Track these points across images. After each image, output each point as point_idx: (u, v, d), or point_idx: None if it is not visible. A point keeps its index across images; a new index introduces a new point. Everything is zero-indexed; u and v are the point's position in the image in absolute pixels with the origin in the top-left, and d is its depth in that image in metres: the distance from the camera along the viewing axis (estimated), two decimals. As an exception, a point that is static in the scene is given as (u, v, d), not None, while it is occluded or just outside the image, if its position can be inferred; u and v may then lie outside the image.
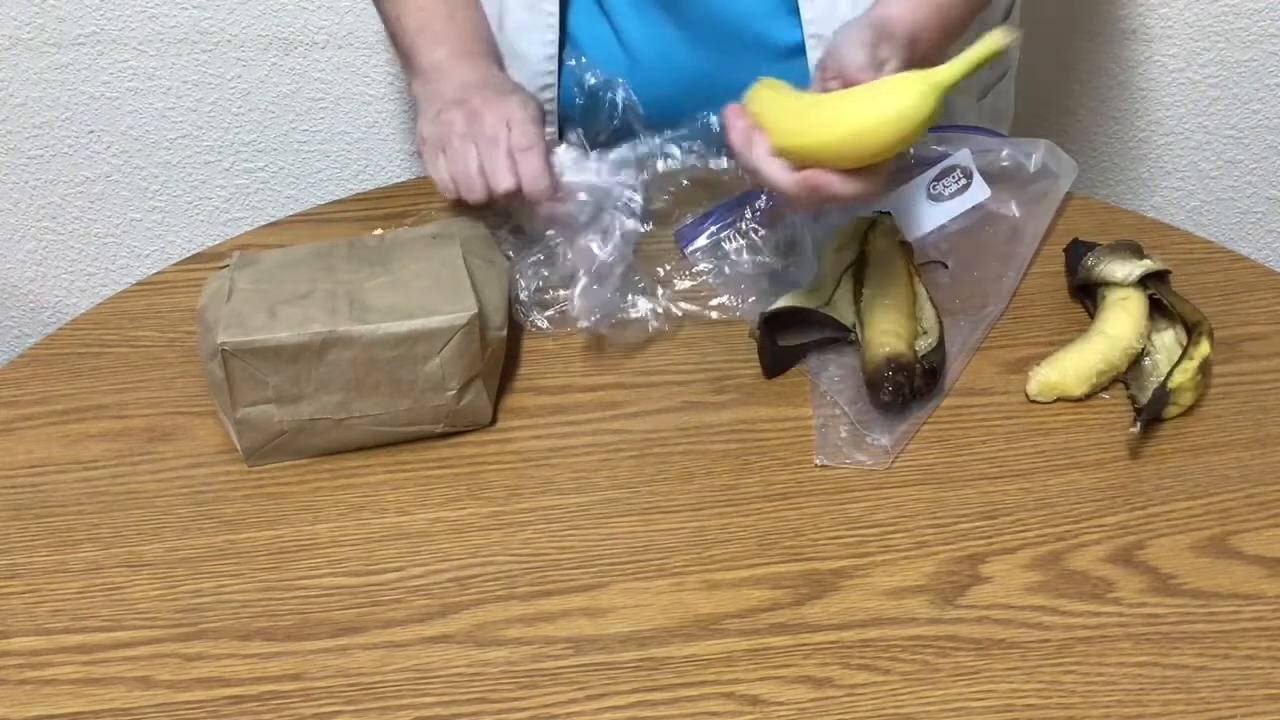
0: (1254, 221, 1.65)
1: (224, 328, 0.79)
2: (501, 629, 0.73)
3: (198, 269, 0.99)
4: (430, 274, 0.84)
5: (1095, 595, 0.74)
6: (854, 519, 0.79)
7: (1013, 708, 0.68)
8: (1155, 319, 0.89)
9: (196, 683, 0.71)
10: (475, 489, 0.82)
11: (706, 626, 0.73)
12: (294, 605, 0.75)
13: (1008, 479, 0.81)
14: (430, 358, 0.81)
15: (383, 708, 0.69)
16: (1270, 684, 0.69)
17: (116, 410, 0.88)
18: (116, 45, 1.46)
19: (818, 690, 0.69)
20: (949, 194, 0.98)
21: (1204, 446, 0.83)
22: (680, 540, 0.78)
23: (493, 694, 0.70)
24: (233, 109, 1.51)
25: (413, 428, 0.84)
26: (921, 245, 0.96)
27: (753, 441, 0.84)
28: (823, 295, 0.91)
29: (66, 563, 0.78)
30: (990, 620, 0.73)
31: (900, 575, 0.75)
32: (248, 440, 0.82)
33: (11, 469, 0.84)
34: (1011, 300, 0.94)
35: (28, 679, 0.72)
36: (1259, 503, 0.79)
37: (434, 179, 0.93)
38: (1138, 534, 0.78)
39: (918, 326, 0.88)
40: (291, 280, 0.84)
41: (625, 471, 0.83)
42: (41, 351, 0.93)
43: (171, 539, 0.79)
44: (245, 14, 1.45)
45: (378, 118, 1.53)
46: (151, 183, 1.56)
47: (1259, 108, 1.55)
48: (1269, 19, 1.49)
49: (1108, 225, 1.00)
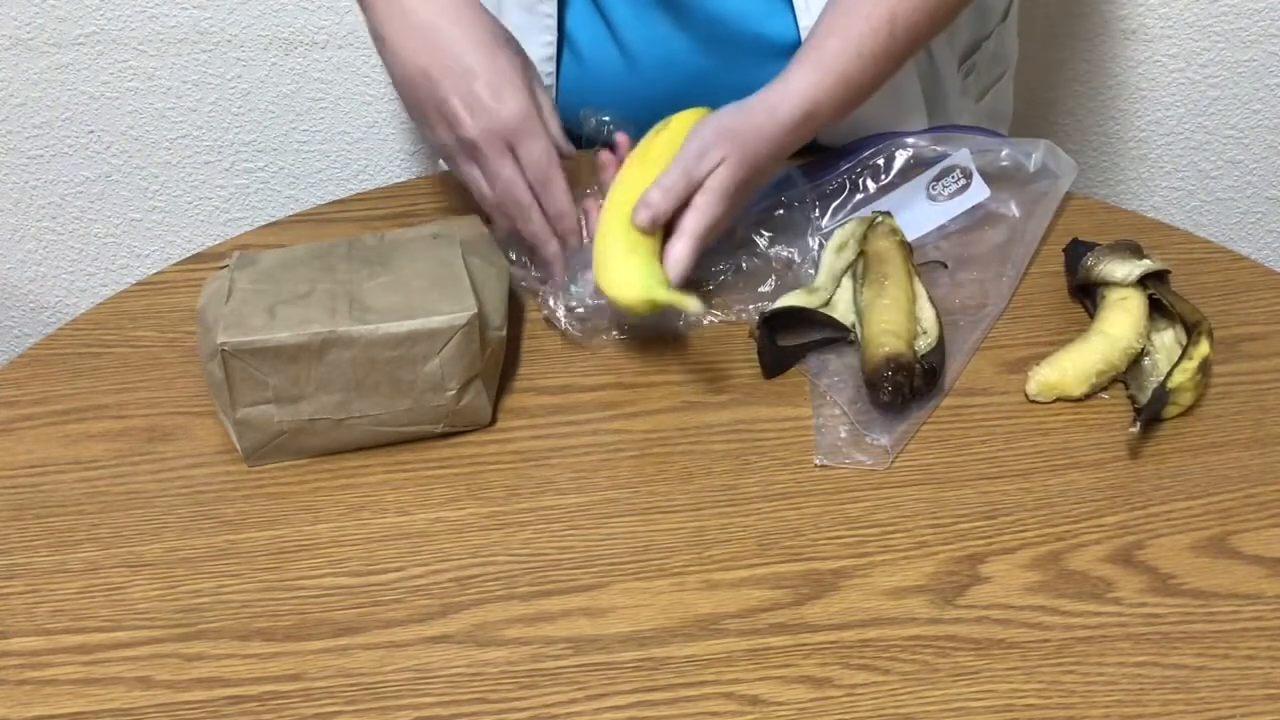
0: (1254, 221, 1.65)
1: (224, 328, 0.79)
2: (501, 629, 0.73)
3: (198, 269, 0.99)
4: (430, 274, 0.84)
5: (1095, 595, 0.74)
6: (854, 519, 0.79)
7: (1013, 708, 0.68)
8: (1155, 319, 0.89)
9: (196, 683, 0.71)
10: (475, 489, 0.82)
11: (706, 626, 0.73)
12: (294, 605, 0.75)
13: (1007, 479, 0.81)
14: (430, 358, 0.81)
15: (383, 708, 0.69)
16: (1270, 684, 0.69)
17: (116, 410, 0.88)
18: (116, 45, 1.46)
19: (818, 690, 0.69)
20: (949, 194, 0.98)
21: (1204, 446, 0.83)
22: (680, 540, 0.78)
23: (493, 694, 0.70)
24: (233, 109, 1.51)
25: (412, 428, 0.84)
26: (921, 245, 0.97)
27: (753, 441, 0.84)
28: (823, 295, 0.91)
29: (66, 563, 0.78)
30: (990, 620, 0.73)
31: (900, 575, 0.75)
32: (248, 440, 0.82)
33: (11, 469, 0.84)
34: (1011, 300, 0.94)
35: (28, 679, 0.72)
36: (1259, 503, 0.79)
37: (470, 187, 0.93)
38: (1137, 534, 0.78)
39: (917, 326, 0.88)
40: (291, 280, 0.84)
41: (625, 471, 0.83)
42: (41, 351, 0.93)
43: (171, 539, 0.79)
44: (245, 14, 1.45)
45: (378, 118, 1.53)
46: (151, 183, 1.56)
47: (1259, 108, 1.55)
48: (1269, 19, 1.49)
49: (1107, 225, 1.00)
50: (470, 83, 0.88)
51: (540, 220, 0.90)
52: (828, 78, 0.90)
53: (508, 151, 0.89)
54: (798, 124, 0.89)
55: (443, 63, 0.89)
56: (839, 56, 0.90)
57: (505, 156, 0.89)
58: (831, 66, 0.90)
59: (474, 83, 0.88)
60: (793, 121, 0.89)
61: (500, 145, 0.88)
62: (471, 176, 0.91)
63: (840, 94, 0.90)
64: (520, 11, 1.03)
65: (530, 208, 0.89)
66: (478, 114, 0.88)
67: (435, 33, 0.89)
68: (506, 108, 0.88)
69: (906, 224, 0.95)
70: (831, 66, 0.90)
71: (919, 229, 0.97)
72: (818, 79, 0.90)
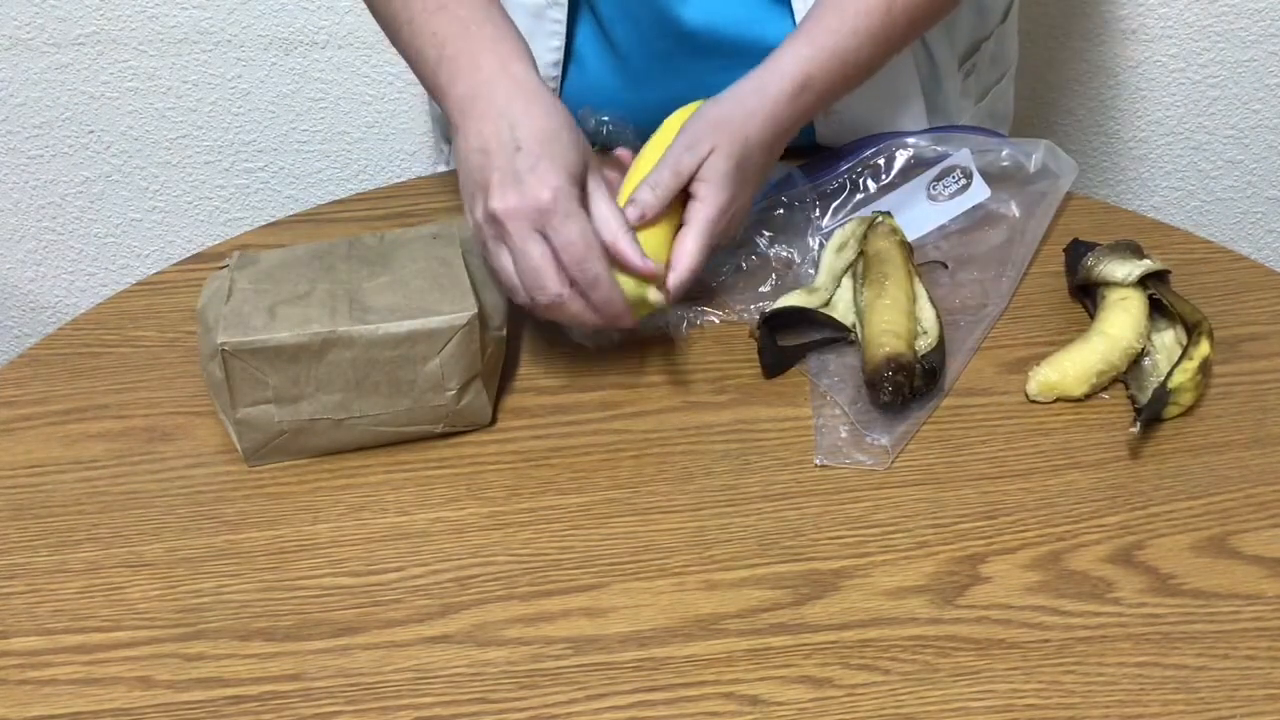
0: (1254, 221, 1.65)
1: (224, 328, 0.79)
2: (501, 629, 0.73)
3: (198, 269, 0.99)
4: (430, 274, 0.84)
5: (1095, 595, 0.74)
6: (854, 519, 0.79)
7: (1013, 708, 0.68)
8: (1155, 319, 0.89)
9: (196, 683, 0.71)
10: (475, 489, 0.82)
11: (706, 626, 0.73)
12: (294, 605, 0.75)
13: (1008, 479, 0.81)
14: (430, 358, 0.81)
15: (383, 708, 0.69)
16: (1270, 684, 0.69)
17: (116, 410, 0.88)
18: (116, 45, 1.46)
19: (818, 690, 0.69)
20: (949, 194, 0.98)
21: (1204, 446, 0.83)
22: (680, 540, 0.78)
23: (493, 694, 0.70)
24: (233, 109, 1.51)
25: (413, 428, 0.84)
26: (921, 245, 0.97)
27: (753, 441, 0.84)
28: (823, 295, 0.91)
29: (66, 563, 0.78)
30: (990, 620, 0.73)
31: (900, 575, 0.75)
32: (248, 440, 0.82)
33: (11, 469, 0.84)
34: (1011, 300, 0.94)
35: (28, 679, 0.72)
36: (1259, 503, 0.79)
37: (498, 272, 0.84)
38: (1138, 534, 0.78)
39: (918, 326, 0.88)
40: (291, 280, 0.84)
41: (625, 471, 0.83)
42: (41, 351, 0.93)
43: (171, 539, 0.79)
44: (245, 14, 1.45)
45: (378, 118, 1.53)
46: (151, 183, 1.56)
47: (1259, 108, 1.55)
48: (1269, 19, 1.49)
49: (1107, 225, 1.00)
50: (513, 158, 0.82)
51: (579, 307, 0.82)
52: (821, 52, 0.89)
53: (535, 233, 0.80)
54: (790, 97, 0.88)
55: (494, 140, 0.82)
56: (833, 33, 0.89)
57: (533, 237, 0.80)
58: (825, 42, 0.89)
59: (516, 157, 0.82)
60: (784, 95, 0.88)
61: (525, 225, 0.80)
62: (500, 264, 0.82)
63: (834, 69, 0.89)
64: (528, 17, 1.02)
65: (559, 296, 0.81)
66: (510, 188, 0.81)
67: (503, 114, 0.83)
68: (541, 189, 0.80)
69: (907, 224, 0.95)
70: (825, 42, 0.89)
71: (919, 229, 0.97)
72: (810, 53, 0.89)
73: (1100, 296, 0.90)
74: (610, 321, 0.83)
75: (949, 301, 0.92)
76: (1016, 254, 0.96)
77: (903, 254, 0.91)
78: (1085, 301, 0.93)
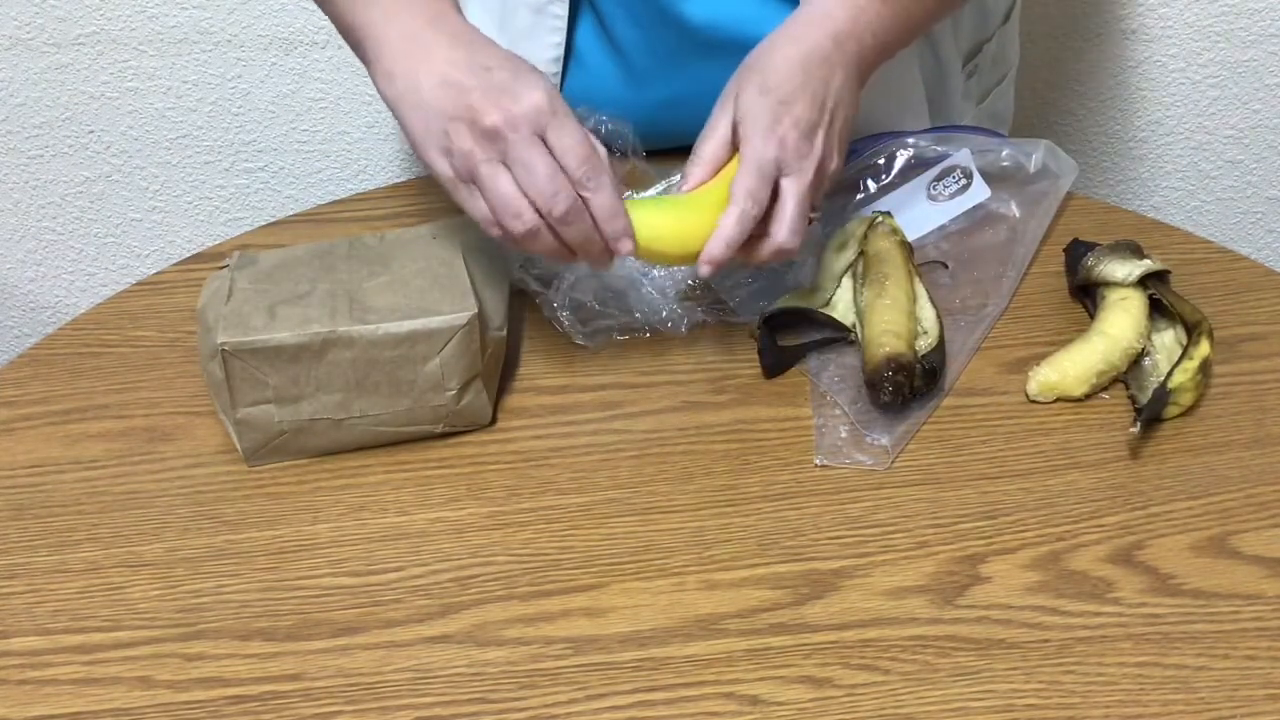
0: (1254, 221, 1.65)
1: (224, 328, 0.79)
2: (501, 629, 0.73)
3: (198, 269, 0.99)
4: (430, 274, 0.84)
5: (1095, 595, 0.74)
6: (854, 519, 0.79)
7: (1013, 708, 0.68)
8: (1155, 319, 0.89)
9: (196, 683, 0.71)
10: (475, 489, 0.82)
11: (706, 626, 0.73)
12: (294, 605, 0.75)
13: (1008, 479, 0.81)
14: (430, 358, 0.81)
15: (383, 708, 0.69)
16: (1270, 684, 0.69)
17: (116, 410, 0.88)
18: (116, 45, 1.46)
19: (818, 690, 0.69)
20: (949, 194, 0.98)
21: (1204, 446, 0.83)
22: (680, 540, 0.78)
23: (493, 694, 0.70)
24: (233, 109, 1.51)
25: (413, 428, 0.84)
26: (921, 245, 0.97)
27: (753, 441, 0.84)
28: (823, 295, 0.91)
29: (66, 563, 0.78)
30: (990, 620, 0.73)
31: (900, 575, 0.75)
32: (248, 440, 0.82)
33: (11, 469, 0.84)
34: (1011, 300, 0.94)
35: (28, 679, 0.72)
36: (1259, 503, 0.79)
37: (473, 215, 0.81)
38: (1138, 534, 0.78)
39: (918, 326, 0.88)
40: (291, 280, 0.84)
41: (625, 471, 0.83)
42: (41, 351, 0.93)
43: (171, 539, 0.79)
44: (245, 14, 1.45)
45: (378, 118, 1.53)
46: (151, 183, 1.56)
47: (1259, 108, 1.55)
48: (1269, 19, 1.49)
49: (1108, 225, 1.00)
50: (489, 75, 0.78)
51: (588, 225, 0.78)
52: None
53: (537, 139, 0.76)
54: (823, 15, 0.83)
55: (458, 69, 0.78)
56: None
57: (536, 144, 0.76)
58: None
59: (492, 74, 0.78)
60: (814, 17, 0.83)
61: (527, 131, 0.76)
62: (497, 188, 0.77)
63: (888, 15, 0.84)
64: (529, 13, 1.02)
65: (574, 204, 0.76)
66: (500, 99, 0.76)
67: (450, 50, 0.81)
68: (532, 91, 0.77)
69: (907, 224, 0.95)
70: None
71: (919, 229, 0.97)
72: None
73: (1100, 296, 0.90)
74: (612, 238, 0.79)
75: (949, 301, 0.92)
76: (1016, 254, 0.96)
77: (903, 254, 0.91)
78: (1085, 301, 0.93)
